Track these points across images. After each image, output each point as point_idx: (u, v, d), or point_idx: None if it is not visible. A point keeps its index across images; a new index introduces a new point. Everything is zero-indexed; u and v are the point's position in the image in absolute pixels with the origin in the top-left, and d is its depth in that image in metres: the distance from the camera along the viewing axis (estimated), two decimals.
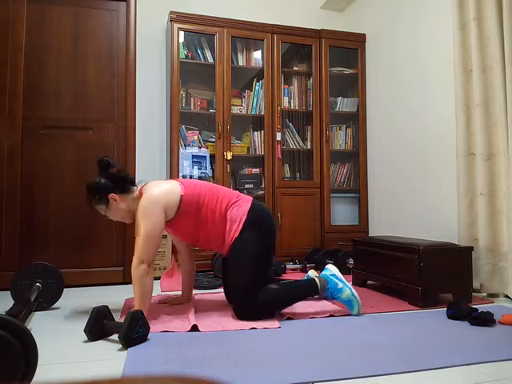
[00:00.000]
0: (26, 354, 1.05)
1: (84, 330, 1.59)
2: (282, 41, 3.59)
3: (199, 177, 3.34)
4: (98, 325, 1.59)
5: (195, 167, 3.35)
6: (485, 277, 2.36)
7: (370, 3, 3.74)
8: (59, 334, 1.67)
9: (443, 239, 2.51)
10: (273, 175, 3.49)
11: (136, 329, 1.51)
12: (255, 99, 3.56)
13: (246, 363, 1.35)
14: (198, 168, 3.35)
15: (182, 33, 3.37)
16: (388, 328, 1.75)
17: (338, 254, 3.08)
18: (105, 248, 2.72)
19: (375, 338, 1.61)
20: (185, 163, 3.31)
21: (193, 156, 3.35)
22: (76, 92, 2.74)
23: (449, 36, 2.69)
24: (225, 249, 1.97)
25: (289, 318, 1.87)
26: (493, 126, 2.38)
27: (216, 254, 2.88)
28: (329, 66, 3.68)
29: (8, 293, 2.04)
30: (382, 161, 3.53)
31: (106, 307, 1.65)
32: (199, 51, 3.49)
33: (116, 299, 2.25)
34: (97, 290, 2.55)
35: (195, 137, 3.42)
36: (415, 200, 3.11)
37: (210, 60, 3.46)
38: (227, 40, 3.42)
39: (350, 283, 1.97)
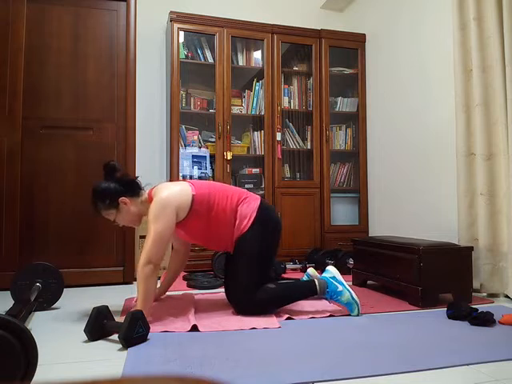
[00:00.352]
0: (26, 354, 1.05)
1: (84, 330, 1.59)
2: (282, 41, 3.59)
3: (199, 177, 3.34)
4: (98, 325, 1.59)
5: (195, 167, 3.35)
6: (485, 277, 2.36)
7: (370, 3, 3.74)
8: (59, 334, 1.67)
9: (443, 239, 2.51)
10: (273, 175, 3.49)
11: (136, 329, 1.51)
12: (255, 99, 3.56)
13: (246, 363, 1.35)
14: (198, 168, 3.35)
15: (182, 33, 3.38)
16: (388, 328, 1.75)
17: (338, 254, 3.08)
18: (105, 248, 2.72)
19: (375, 338, 1.61)
20: (185, 163, 3.31)
21: (193, 156, 3.35)
22: (76, 92, 2.74)
23: (449, 36, 2.69)
24: (231, 245, 1.98)
25: (289, 318, 1.87)
26: (493, 126, 2.38)
27: (216, 254, 2.87)
28: (329, 66, 3.68)
29: (8, 293, 2.04)
30: (382, 161, 3.53)
31: (106, 307, 1.65)
32: (199, 51, 3.49)
33: (116, 299, 2.25)
34: (97, 290, 2.55)
35: (195, 137, 3.42)
36: (415, 200, 3.11)
37: (210, 60, 3.46)
38: (227, 40, 3.42)
39: (350, 283, 1.97)
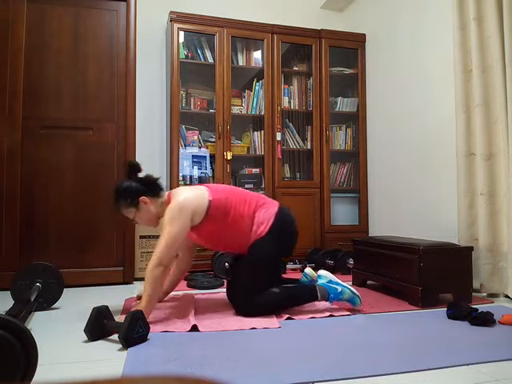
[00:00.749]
0: (26, 354, 1.05)
1: (84, 330, 1.59)
2: (282, 41, 3.59)
3: (199, 177, 3.34)
4: (98, 325, 1.59)
5: (195, 167, 3.35)
6: (485, 277, 2.36)
7: (370, 3, 3.74)
8: (59, 334, 1.67)
9: (443, 239, 2.51)
10: (273, 175, 3.49)
11: (136, 329, 1.51)
12: (255, 99, 3.55)
13: (246, 363, 1.35)
14: (198, 168, 3.35)
15: (182, 33, 3.38)
16: (388, 328, 1.75)
17: (338, 254, 3.08)
18: (105, 248, 2.72)
19: (375, 338, 1.61)
20: (185, 163, 3.31)
21: (193, 156, 3.35)
22: (76, 92, 2.73)
23: (449, 36, 2.68)
24: (245, 249, 1.98)
25: (289, 318, 1.87)
26: (493, 126, 2.38)
27: (216, 254, 2.87)
28: (329, 66, 3.68)
29: (8, 293, 2.03)
30: (382, 161, 3.53)
31: (106, 307, 1.65)
32: (199, 51, 3.48)
33: (116, 299, 2.25)
34: (97, 290, 2.55)
35: (195, 137, 3.42)
36: (415, 200, 3.10)
37: (210, 60, 3.46)
38: (227, 40, 3.42)
39: (350, 283, 1.98)
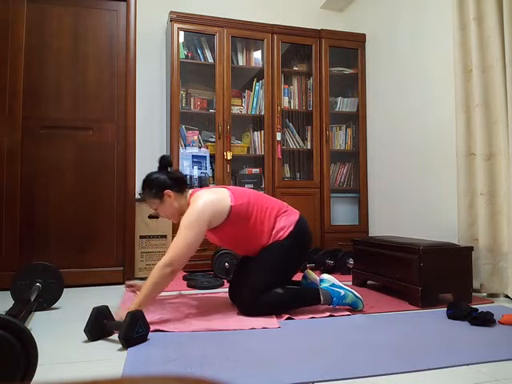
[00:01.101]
0: (26, 354, 1.05)
1: (84, 330, 1.58)
2: (282, 41, 3.59)
3: (199, 177, 3.34)
4: (98, 325, 1.59)
5: (195, 167, 3.35)
6: (485, 277, 2.36)
7: (370, 3, 3.74)
8: (59, 334, 1.67)
9: (443, 239, 2.51)
10: (273, 175, 3.49)
11: (136, 329, 1.51)
12: (255, 99, 3.55)
13: (246, 363, 1.35)
14: (198, 168, 3.35)
15: (182, 33, 3.38)
16: (388, 328, 1.75)
17: (338, 254, 3.08)
18: (105, 248, 2.72)
19: (375, 338, 1.60)
20: (185, 163, 3.31)
21: (193, 156, 3.35)
22: (76, 92, 2.73)
23: (449, 36, 2.68)
24: (258, 252, 1.99)
25: (289, 318, 1.87)
26: (493, 126, 2.38)
27: (216, 254, 2.87)
28: (329, 66, 3.68)
29: (8, 293, 2.03)
30: (382, 160, 3.53)
31: (106, 307, 1.64)
32: (199, 51, 3.49)
33: (116, 299, 2.25)
34: (97, 290, 2.55)
35: (195, 137, 3.42)
36: (415, 200, 3.10)
37: (210, 60, 3.46)
38: (227, 40, 3.42)
39: (350, 283, 1.97)
